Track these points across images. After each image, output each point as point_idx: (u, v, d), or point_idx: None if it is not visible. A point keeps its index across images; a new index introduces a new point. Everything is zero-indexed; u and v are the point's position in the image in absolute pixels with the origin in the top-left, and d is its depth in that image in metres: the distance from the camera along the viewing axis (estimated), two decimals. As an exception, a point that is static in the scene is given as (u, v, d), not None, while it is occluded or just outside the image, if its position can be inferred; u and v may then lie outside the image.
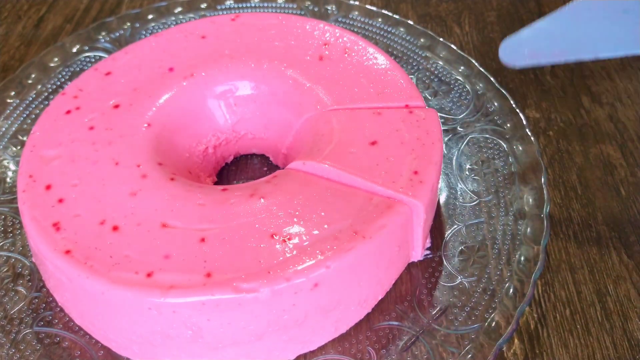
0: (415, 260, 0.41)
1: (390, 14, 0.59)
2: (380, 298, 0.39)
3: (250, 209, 0.36)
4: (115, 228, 0.35)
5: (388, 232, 0.35)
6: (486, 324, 0.38)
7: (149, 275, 0.33)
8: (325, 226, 0.35)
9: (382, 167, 0.38)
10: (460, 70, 0.54)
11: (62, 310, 0.39)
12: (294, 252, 0.33)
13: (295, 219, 0.35)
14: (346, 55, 0.46)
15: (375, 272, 0.37)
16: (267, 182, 0.38)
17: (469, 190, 0.45)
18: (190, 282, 0.32)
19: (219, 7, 0.60)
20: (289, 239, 0.34)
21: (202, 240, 0.34)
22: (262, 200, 0.37)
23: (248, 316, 0.33)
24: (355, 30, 0.58)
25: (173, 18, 0.59)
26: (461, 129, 0.50)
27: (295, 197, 0.37)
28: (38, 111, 0.52)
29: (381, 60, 0.46)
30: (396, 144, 0.40)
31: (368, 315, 0.39)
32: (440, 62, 0.55)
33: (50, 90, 0.53)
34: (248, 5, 0.61)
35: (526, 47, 0.38)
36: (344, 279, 0.34)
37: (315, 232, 0.35)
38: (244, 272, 0.32)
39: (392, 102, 0.43)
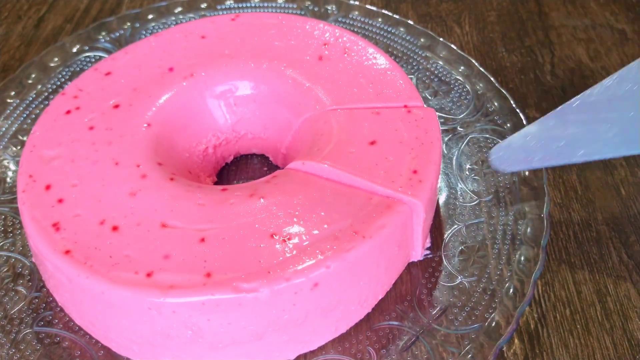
0: (415, 260, 0.41)
1: (390, 13, 0.59)
2: (380, 298, 0.39)
3: (250, 209, 0.36)
4: (115, 228, 0.35)
5: (388, 232, 0.35)
6: (486, 323, 0.38)
7: (148, 275, 0.33)
8: (325, 226, 0.35)
9: (381, 166, 0.38)
10: (460, 70, 0.54)
11: (62, 310, 0.39)
12: (294, 252, 0.33)
13: (295, 219, 0.35)
14: (346, 55, 0.46)
15: (375, 272, 0.37)
16: (267, 182, 0.38)
17: (469, 190, 0.45)
18: (190, 282, 0.32)
19: (219, 7, 0.60)
20: (289, 239, 0.34)
21: (202, 240, 0.34)
22: (261, 200, 0.37)
23: (248, 316, 0.33)
24: (355, 30, 0.58)
25: (173, 18, 0.59)
26: (461, 129, 0.50)
27: (294, 197, 0.37)
28: (38, 111, 0.52)
29: (380, 60, 0.46)
30: (395, 143, 0.40)
31: (368, 315, 0.39)
32: (441, 62, 0.55)
33: (50, 90, 0.53)
34: (248, 5, 0.61)
35: (518, 153, 0.39)
36: (344, 279, 0.34)
37: (315, 232, 0.35)
38: (244, 272, 0.32)
39: (391, 102, 0.43)
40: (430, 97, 0.52)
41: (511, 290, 0.39)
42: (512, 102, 0.50)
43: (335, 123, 0.41)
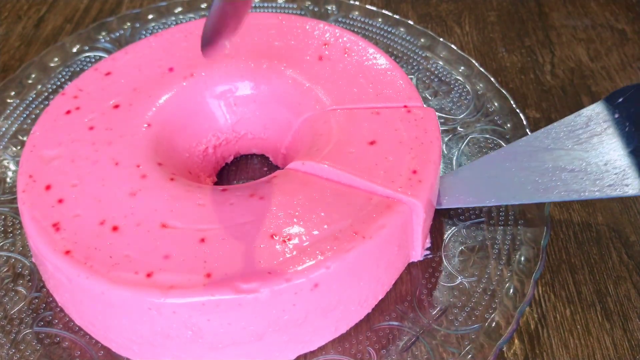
0: (415, 261, 0.41)
1: (390, 14, 0.59)
2: (380, 298, 0.39)
3: (250, 209, 0.36)
4: (115, 228, 0.35)
5: (388, 232, 0.35)
6: (486, 324, 0.38)
7: (148, 275, 0.33)
8: (325, 226, 0.35)
9: (381, 166, 0.38)
10: (460, 70, 0.54)
11: (62, 310, 0.39)
12: (294, 253, 0.33)
13: (295, 220, 0.35)
14: (346, 55, 0.46)
15: (375, 272, 0.37)
16: (267, 183, 0.38)
17: (469, 190, 0.45)
18: (190, 282, 0.32)
19: (218, 7, 0.60)
20: (289, 240, 0.34)
21: (202, 240, 0.34)
22: (261, 200, 0.36)
23: (248, 316, 0.33)
24: (355, 30, 0.58)
25: (173, 18, 0.59)
26: (461, 129, 0.50)
27: (294, 198, 0.37)
28: (38, 111, 0.52)
29: (381, 60, 0.46)
30: (395, 143, 0.40)
31: (368, 315, 0.39)
32: (441, 62, 0.55)
33: (50, 90, 0.53)
34: (248, 5, 0.61)
35: (451, 191, 0.41)
36: (344, 279, 0.34)
37: (315, 232, 0.35)
38: (244, 272, 0.32)
39: (391, 102, 0.43)
40: (430, 97, 0.52)
41: (511, 291, 0.39)
42: (512, 102, 0.50)
43: (335, 123, 0.41)
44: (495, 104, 0.51)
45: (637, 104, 0.40)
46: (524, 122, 0.48)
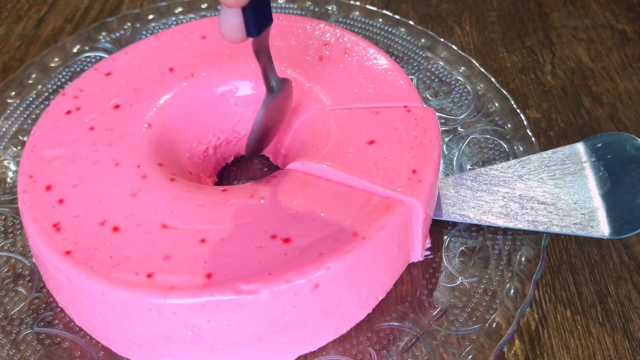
0: (416, 261, 0.41)
1: (390, 14, 0.59)
2: (380, 298, 0.39)
3: (250, 209, 0.36)
4: (115, 229, 0.35)
5: (388, 233, 0.35)
6: (487, 324, 0.38)
7: (149, 276, 0.33)
8: (325, 227, 0.35)
9: (380, 166, 0.38)
10: (460, 70, 0.54)
11: (62, 310, 0.39)
12: (294, 253, 0.33)
13: (295, 220, 0.35)
14: (346, 55, 0.46)
15: (375, 273, 0.37)
16: (267, 183, 0.38)
17: (469, 190, 0.45)
18: (191, 283, 0.32)
19: (219, 8, 0.60)
20: (289, 240, 0.34)
21: (202, 241, 0.34)
22: (262, 201, 0.36)
23: (248, 317, 0.33)
24: (355, 30, 0.58)
25: (173, 18, 0.59)
26: (462, 130, 0.50)
27: (294, 198, 0.37)
28: (38, 111, 0.51)
29: (381, 60, 0.46)
30: (394, 142, 0.40)
31: (369, 315, 0.39)
32: (441, 63, 0.55)
33: (51, 90, 0.53)
34: (248, 5, 0.61)
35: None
36: (344, 280, 0.34)
37: (315, 233, 0.34)
38: (244, 273, 0.32)
39: (391, 102, 0.43)
40: (430, 98, 0.52)
41: (512, 291, 0.39)
42: (512, 102, 0.50)
43: (334, 123, 0.41)
44: (496, 104, 0.50)
45: (614, 151, 0.42)
46: (525, 123, 0.48)
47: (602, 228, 0.40)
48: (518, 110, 0.49)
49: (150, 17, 0.59)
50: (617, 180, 0.41)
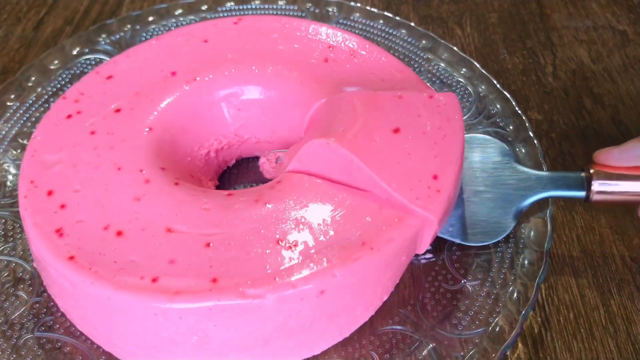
0: (420, 254, 0.41)
1: (391, 15, 0.58)
2: (385, 299, 0.39)
3: (256, 214, 0.36)
4: (119, 233, 0.35)
5: (396, 245, 0.35)
6: (490, 328, 0.38)
7: (154, 280, 0.32)
8: (332, 233, 0.34)
9: (403, 165, 0.36)
10: (462, 72, 0.54)
11: (63, 315, 0.39)
12: (301, 259, 0.33)
13: (301, 226, 0.35)
14: (352, 57, 0.46)
15: (381, 280, 0.36)
16: (272, 188, 0.38)
17: (472, 193, 0.45)
18: (196, 287, 0.32)
19: (219, 9, 0.60)
20: (296, 246, 0.34)
21: (208, 245, 0.34)
22: (267, 205, 0.36)
23: (254, 322, 0.32)
24: (356, 32, 0.58)
25: (174, 20, 0.59)
26: (464, 132, 0.49)
27: (301, 203, 0.36)
28: (38, 114, 0.51)
29: (391, 60, 0.45)
30: (418, 134, 0.38)
31: (372, 319, 0.39)
32: (442, 64, 0.55)
33: (51, 92, 0.53)
34: (249, 7, 0.61)
35: None
36: (350, 287, 0.34)
37: (322, 239, 0.34)
38: (250, 278, 0.32)
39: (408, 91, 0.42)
40: (432, 100, 0.52)
41: (515, 294, 0.39)
42: (514, 104, 0.50)
43: (358, 103, 0.39)
44: (498, 106, 0.50)
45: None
46: (527, 124, 0.48)
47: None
48: (520, 112, 0.49)
49: (150, 18, 0.59)
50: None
